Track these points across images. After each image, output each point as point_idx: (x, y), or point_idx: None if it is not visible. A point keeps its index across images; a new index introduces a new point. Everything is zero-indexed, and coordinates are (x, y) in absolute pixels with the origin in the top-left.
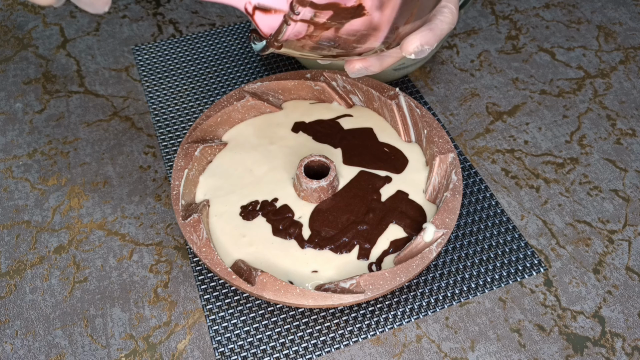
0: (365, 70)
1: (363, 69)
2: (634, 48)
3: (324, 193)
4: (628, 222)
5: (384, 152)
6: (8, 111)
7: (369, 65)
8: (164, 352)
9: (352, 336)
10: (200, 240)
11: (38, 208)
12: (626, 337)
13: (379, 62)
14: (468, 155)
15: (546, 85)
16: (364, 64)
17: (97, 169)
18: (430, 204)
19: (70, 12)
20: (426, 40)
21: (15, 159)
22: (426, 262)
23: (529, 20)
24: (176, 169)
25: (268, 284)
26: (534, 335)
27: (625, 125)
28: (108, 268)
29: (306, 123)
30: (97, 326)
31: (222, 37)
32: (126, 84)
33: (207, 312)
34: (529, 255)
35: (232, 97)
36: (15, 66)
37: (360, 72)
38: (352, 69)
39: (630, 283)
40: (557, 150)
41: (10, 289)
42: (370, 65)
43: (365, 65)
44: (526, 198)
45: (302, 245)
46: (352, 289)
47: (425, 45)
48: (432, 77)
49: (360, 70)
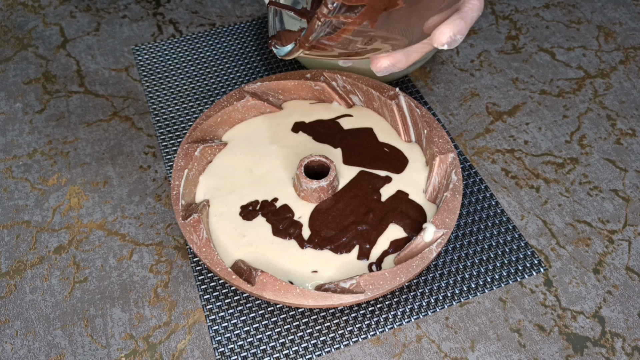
0: (392, 67)
1: (390, 66)
2: (634, 48)
3: (324, 193)
4: (628, 222)
5: (384, 152)
6: (8, 111)
7: (396, 62)
8: (164, 352)
9: (352, 336)
10: (200, 240)
11: (38, 208)
12: (626, 337)
13: (406, 57)
14: (468, 155)
15: (546, 85)
16: (391, 61)
17: (97, 169)
18: (430, 204)
19: (70, 12)
20: (458, 30)
21: (15, 159)
22: (426, 262)
23: (529, 20)
24: (176, 169)
25: (268, 284)
26: (534, 335)
27: (625, 125)
28: (108, 268)
29: (306, 123)
30: (97, 326)
31: (222, 37)
32: (126, 84)
33: (207, 312)
34: (529, 255)
35: (232, 97)
36: (15, 66)
37: (388, 69)
38: (379, 67)
39: (630, 283)
40: (557, 150)
41: (10, 289)
42: (397, 61)
43: (392, 62)
44: (526, 198)
45: (302, 245)
46: (352, 289)
47: (457, 35)
48: (432, 77)
49: (387, 68)
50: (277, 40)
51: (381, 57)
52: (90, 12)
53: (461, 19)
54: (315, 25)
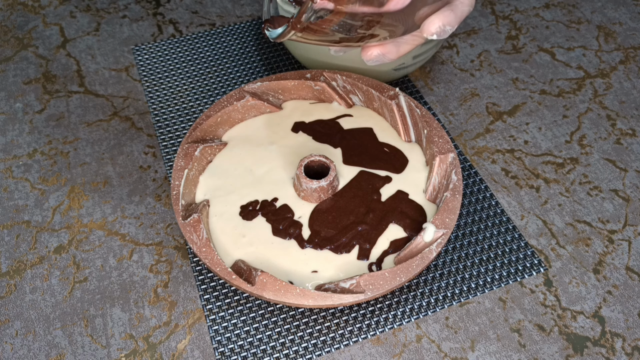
0: (382, 57)
1: (380, 55)
2: (634, 48)
3: (324, 193)
4: (628, 222)
5: (384, 152)
6: (8, 111)
7: (386, 52)
8: (164, 352)
9: (352, 336)
10: (200, 240)
11: (38, 208)
12: (626, 337)
13: (396, 48)
14: (468, 155)
15: (546, 85)
16: (382, 50)
17: (97, 169)
18: (430, 204)
19: (70, 12)
20: (448, 21)
21: (15, 159)
22: (426, 262)
23: (529, 20)
24: (176, 169)
25: (268, 284)
26: (534, 335)
27: (625, 125)
28: (108, 268)
29: (306, 123)
30: (97, 326)
31: (222, 37)
32: (126, 84)
33: (207, 312)
34: (529, 255)
35: (232, 97)
36: (15, 66)
37: (378, 59)
38: (369, 56)
39: (630, 283)
40: (557, 150)
41: (10, 289)
42: (387, 52)
43: (382, 51)
44: (526, 198)
45: (302, 245)
46: (352, 289)
47: (447, 26)
48: (432, 77)
49: (377, 57)
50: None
51: (372, 47)
52: (90, 12)
53: (451, 10)
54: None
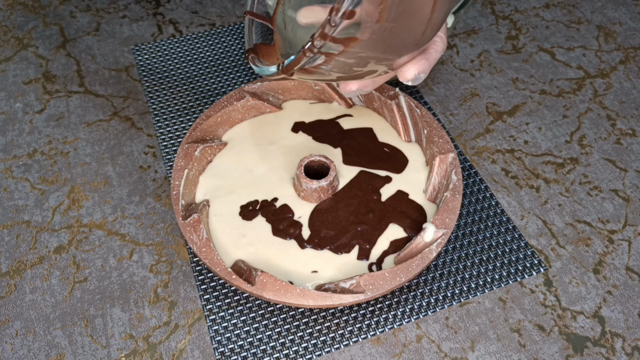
0: (360, 90)
1: (359, 89)
2: (634, 48)
3: (324, 193)
4: (628, 222)
5: (384, 152)
6: (8, 111)
7: (364, 86)
8: (164, 352)
9: (352, 336)
10: (200, 240)
11: (38, 208)
12: (626, 337)
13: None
14: (468, 155)
15: (546, 85)
16: (360, 85)
17: (97, 169)
18: (431, 204)
19: (70, 12)
20: (422, 69)
21: (15, 159)
22: (426, 262)
23: (529, 20)
24: (176, 169)
25: (268, 284)
26: (534, 335)
27: (625, 125)
28: (108, 268)
29: (306, 123)
30: (97, 326)
31: (222, 37)
32: (126, 84)
33: (207, 312)
34: (529, 255)
35: (232, 97)
36: (15, 66)
37: (356, 92)
38: (348, 90)
39: (630, 283)
40: (557, 150)
41: (10, 289)
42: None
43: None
44: (526, 198)
45: (302, 245)
46: (352, 289)
47: (421, 74)
48: (432, 77)
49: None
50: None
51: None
52: (90, 12)
53: (426, 59)
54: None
